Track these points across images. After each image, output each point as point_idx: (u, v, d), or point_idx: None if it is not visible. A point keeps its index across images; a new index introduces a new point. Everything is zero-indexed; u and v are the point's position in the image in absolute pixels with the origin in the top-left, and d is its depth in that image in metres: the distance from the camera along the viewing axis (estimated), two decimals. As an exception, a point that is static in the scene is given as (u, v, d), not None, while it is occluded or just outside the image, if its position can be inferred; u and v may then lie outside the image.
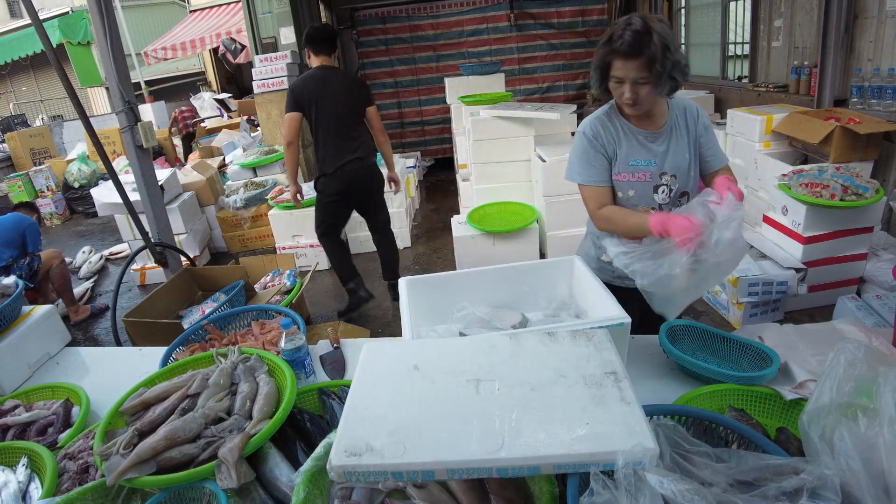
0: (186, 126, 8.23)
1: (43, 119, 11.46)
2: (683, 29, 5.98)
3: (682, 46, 5.99)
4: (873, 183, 2.73)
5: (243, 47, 9.14)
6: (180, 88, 12.85)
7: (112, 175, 3.11)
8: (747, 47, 4.65)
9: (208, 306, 2.70)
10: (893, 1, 3.04)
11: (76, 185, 7.15)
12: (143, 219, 3.36)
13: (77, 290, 4.36)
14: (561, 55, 6.98)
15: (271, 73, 5.58)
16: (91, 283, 4.73)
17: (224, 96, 9.37)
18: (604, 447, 0.85)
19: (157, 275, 4.42)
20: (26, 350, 1.76)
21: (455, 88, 5.12)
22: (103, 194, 4.48)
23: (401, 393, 1.01)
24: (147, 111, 8.70)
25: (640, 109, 1.48)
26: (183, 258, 3.64)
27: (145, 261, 4.46)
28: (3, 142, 8.81)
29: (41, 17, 2.85)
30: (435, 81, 7.03)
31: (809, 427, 0.92)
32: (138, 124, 3.14)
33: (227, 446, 1.05)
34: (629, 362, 1.35)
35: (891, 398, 0.84)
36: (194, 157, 6.68)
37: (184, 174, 5.33)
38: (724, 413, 1.16)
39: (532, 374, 1.03)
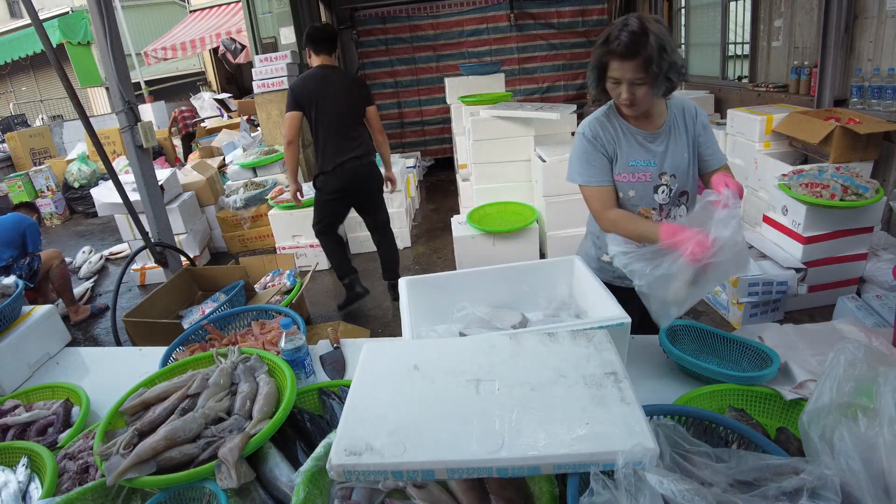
0: (186, 126, 8.23)
1: (43, 119, 11.46)
2: (683, 29, 5.98)
3: (682, 46, 5.99)
4: (873, 183, 2.73)
5: (243, 47, 9.15)
6: (180, 88, 12.85)
7: (112, 175, 3.11)
8: (747, 47, 4.65)
9: (208, 306, 2.70)
10: (893, 1, 3.04)
11: (76, 185, 7.15)
12: (143, 219, 3.36)
13: (77, 290, 4.36)
14: (561, 55, 6.98)
15: (271, 73, 5.58)
16: (91, 283, 4.73)
17: (224, 96, 9.37)
18: (604, 447, 0.85)
19: (157, 275, 4.42)
20: (26, 350, 1.76)
21: (455, 88, 5.12)
22: (103, 194, 4.48)
23: (401, 393, 1.01)
24: (147, 111, 8.70)
25: (638, 110, 1.48)
26: (183, 258, 3.64)
27: (145, 261, 4.46)
28: (3, 142, 8.81)
29: (41, 17, 2.85)
30: (435, 81, 7.03)
31: (809, 427, 0.92)
32: (138, 124, 3.14)
33: (227, 446, 1.05)
34: (629, 362, 1.35)
35: (891, 398, 0.84)
36: (194, 157, 6.68)
37: (184, 174, 5.33)
38: (724, 413, 1.16)
39: (532, 374, 1.03)
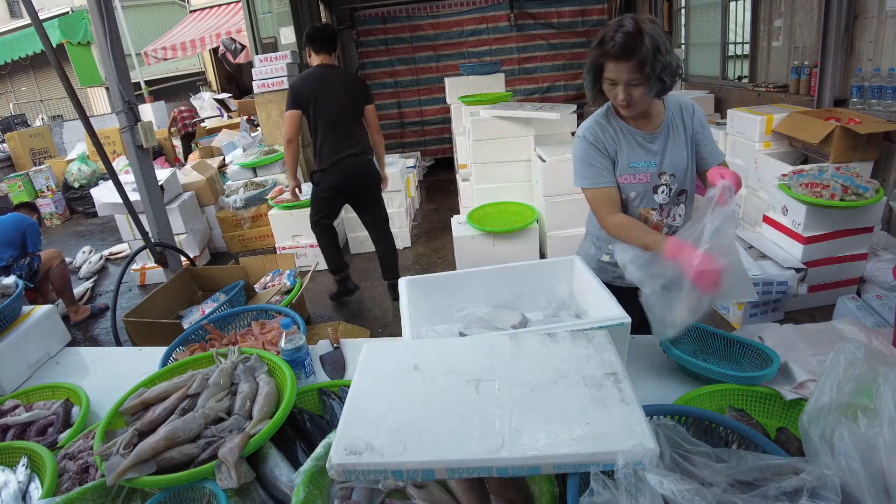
0: (185, 126, 8.23)
1: (43, 119, 11.46)
2: (683, 29, 5.98)
3: (682, 46, 5.99)
4: (873, 183, 2.73)
5: (243, 47, 9.15)
6: (180, 88, 12.85)
7: (112, 175, 3.11)
8: (747, 47, 4.65)
9: (208, 306, 2.70)
10: (893, 1, 3.05)
11: (76, 185, 7.15)
12: (143, 219, 3.36)
13: (77, 290, 4.36)
14: (561, 55, 6.98)
15: (271, 73, 5.58)
16: (91, 283, 4.73)
17: (224, 96, 9.37)
18: (604, 447, 0.85)
19: (157, 275, 4.42)
20: (26, 350, 1.76)
21: (455, 88, 5.12)
22: (103, 194, 4.48)
23: (401, 393, 1.01)
24: (147, 111, 8.70)
25: (635, 111, 1.47)
26: (183, 258, 3.64)
27: (145, 261, 4.46)
28: (3, 142, 8.81)
29: (41, 17, 2.85)
30: (435, 81, 7.03)
31: (809, 427, 0.92)
32: (138, 124, 3.14)
33: (227, 446, 1.05)
34: (629, 362, 1.35)
35: (891, 398, 0.84)
36: (194, 157, 6.68)
37: (184, 174, 5.33)
38: (724, 413, 1.16)
39: (532, 375, 1.03)
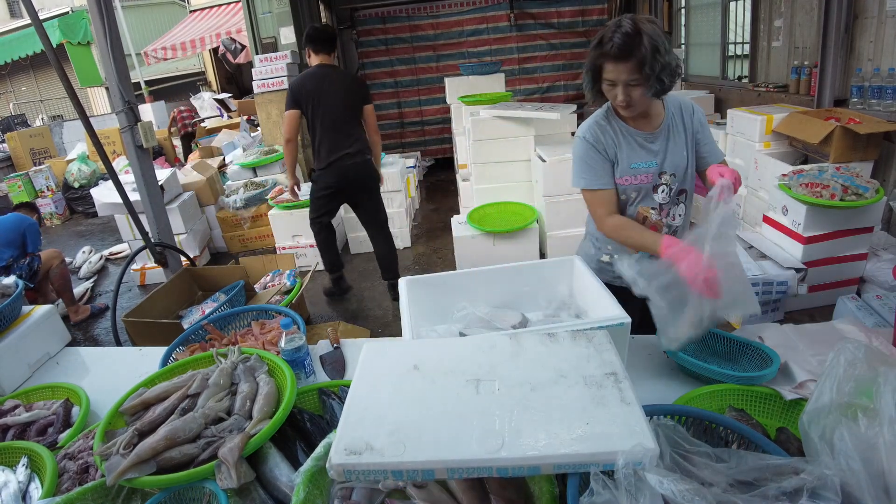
0: (185, 126, 8.23)
1: (43, 119, 11.45)
2: (683, 29, 5.98)
3: (682, 46, 5.99)
4: (873, 183, 2.73)
5: (243, 47, 9.15)
6: (180, 88, 12.85)
7: (112, 175, 3.11)
8: (747, 47, 4.65)
9: (208, 306, 2.70)
10: (893, 1, 3.04)
11: (76, 185, 7.15)
12: (143, 219, 3.36)
13: (77, 290, 4.36)
14: (561, 55, 6.98)
15: (271, 73, 5.58)
16: (91, 283, 4.73)
17: (224, 96, 9.37)
18: (604, 447, 0.85)
19: (157, 275, 4.42)
20: (26, 350, 1.76)
21: (455, 88, 5.12)
22: (103, 194, 4.48)
23: (401, 393, 1.01)
24: (147, 111, 8.70)
25: (635, 111, 1.47)
26: (183, 258, 3.64)
27: (145, 261, 4.46)
28: (3, 142, 8.81)
29: (41, 17, 2.85)
30: (435, 81, 7.03)
31: (809, 427, 0.92)
32: (138, 124, 3.14)
33: (227, 446, 1.05)
34: (629, 362, 1.35)
35: (891, 398, 0.84)
36: (194, 157, 6.68)
37: (184, 174, 5.33)
38: (724, 413, 1.16)
39: (532, 375, 1.03)
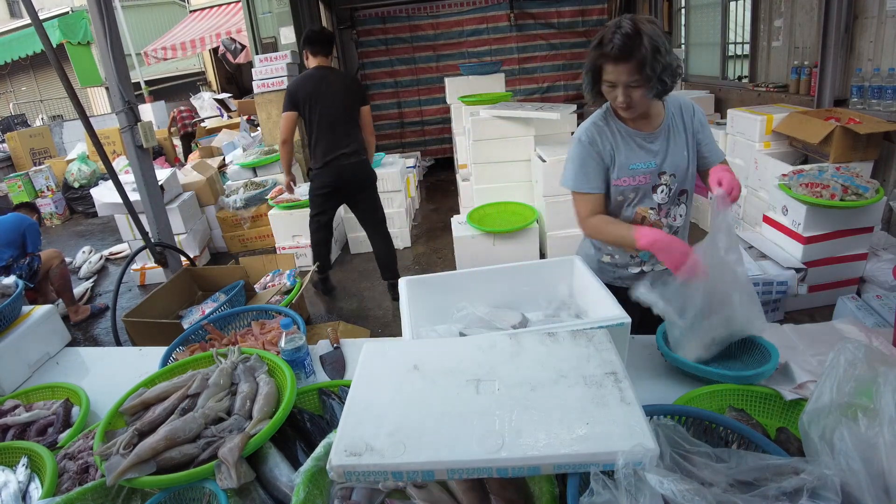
0: (185, 126, 8.23)
1: (43, 119, 11.46)
2: (683, 29, 5.98)
3: (682, 46, 5.99)
4: (873, 183, 2.73)
5: (243, 47, 9.15)
6: (180, 88, 12.85)
7: (112, 175, 3.11)
8: (747, 47, 4.65)
9: (208, 306, 2.69)
10: (893, 1, 3.04)
11: (76, 185, 7.15)
12: (143, 219, 3.36)
13: (77, 290, 4.36)
14: (561, 55, 6.98)
15: (271, 73, 5.58)
16: (91, 283, 4.73)
17: (224, 96, 9.37)
18: (604, 447, 0.85)
19: (157, 275, 4.42)
20: (26, 350, 1.76)
21: (455, 88, 5.12)
22: (103, 194, 4.48)
23: (401, 393, 1.01)
24: (147, 111, 8.70)
25: (635, 112, 1.47)
26: (183, 258, 3.64)
27: (145, 261, 4.46)
28: (3, 142, 8.81)
29: (41, 17, 2.85)
30: (435, 81, 7.03)
31: (809, 427, 0.92)
32: (138, 124, 3.14)
33: (227, 446, 1.04)
34: (629, 362, 1.35)
35: (891, 398, 0.84)
36: (194, 157, 6.68)
37: (184, 174, 5.33)
38: (724, 413, 1.16)
39: (532, 374, 1.03)
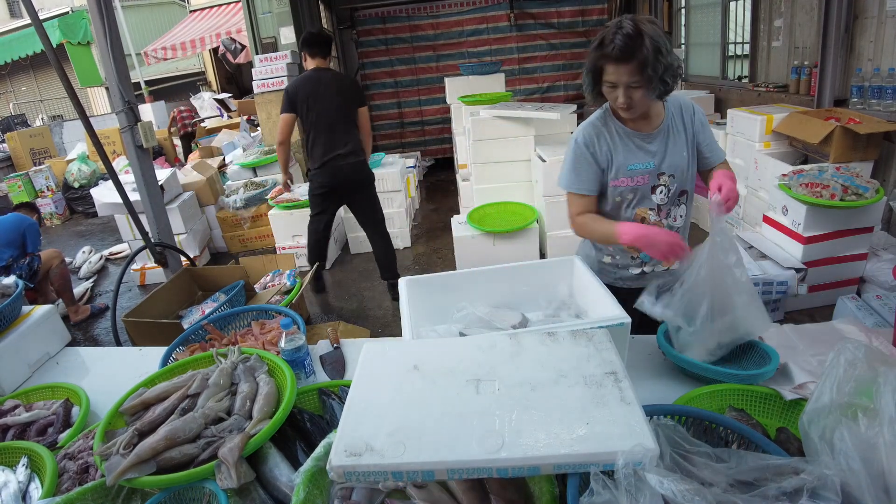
0: (185, 126, 8.23)
1: (43, 119, 11.46)
2: (683, 29, 5.98)
3: (682, 46, 5.99)
4: (873, 183, 2.73)
5: (243, 47, 9.15)
6: (180, 88, 12.85)
7: (112, 175, 3.11)
8: (747, 47, 4.65)
9: (208, 306, 2.69)
10: (893, 1, 3.04)
11: (76, 185, 7.15)
12: (143, 219, 3.36)
13: (77, 290, 4.36)
14: (561, 55, 6.99)
15: (271, 73, 5.58)
16: (91, 283, 4.73)
17: (224, 96, 9.37)
18: (604, 447, 0.85)
19: (157, 275, 4.42)
20: (26, 350, 1.76)
21: (455, 88, 5.12)
22: (103, 194, 4.48)
23: (401, 393, 1.01)
24: (147, 111, 8.70)
25: (635, 113, 1.46)
26: (183, 258, 3.64)
27: (145, 261, 4.46)
28: (3, 142, 8.81)
29: (41, 17, 2.85)
30: (435, 81, 7.03)
31: (809, 427, 0.92)
32: (138, 124, 3.14)
33: (227, 446, 1.04)
34: (629, 362, 1.35)
35: (891, 398, 0.84)
36: (194, 157, 6.68)
37: (184, 174, 5.33)
38: (724, 413, 1.16)
39: (532, 374, 1.03)
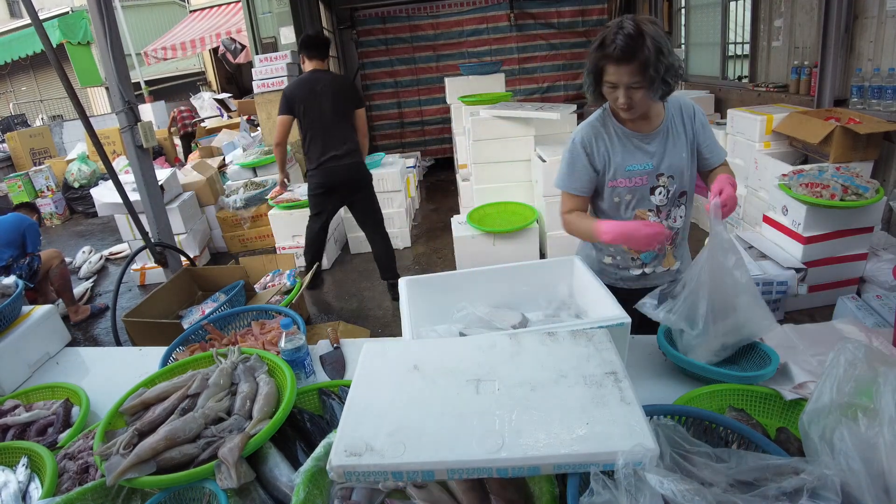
0: (185, 126, 8.23)
1: (43, 119, 11.46)
2: (683, 29, 5.98)
3: (682, 46, 5.99)
4: (873, 183, 2.73)
5: (243, 47, 9.15)
6: (180, 88, 12.85)
7: (112, 175, 3.11)
8: (747, 47, 4.65)
9: (208, 306, 2.69)
10: (893, 1, 3.04)
11: (76, 185, 7.15)
12: (143, 219, 3.36)
13: (77, 290, 4.36)
14: (561, 55, 6.99)
15: (271, 73, 5.58)
16: (91, 283, 4.73)
17: (224, 96, 9.37)
18: (604, 447, 0.85)
19: (157, 275, 4.42)
20: (26, 350, 1.76)
21: (455, 88, 5.12)
22: (103, 194, 4.48)
23: (401, 393, 1.01)
24: (147, 111, 8.70)
25: (636, 114, 1.46)
26: (183, 258, 3.64)
27: (145, 261, 4.46)
28: (3, 142, 8.81)
29: (41, 17, 2.85)
30: (435, 81, 7.03)
31: (809, 427, 0.92)
32: (138, 124, 3.14)
33: (227, 446, 1.04)
34: (629, 362, 1.35)
35: (891, 398, 0.84)
36: (194, 157, 6.68)
37: (184, 174, 5.33)
38: (724, 413, 1.16)
39: (532, 374, 1.03)
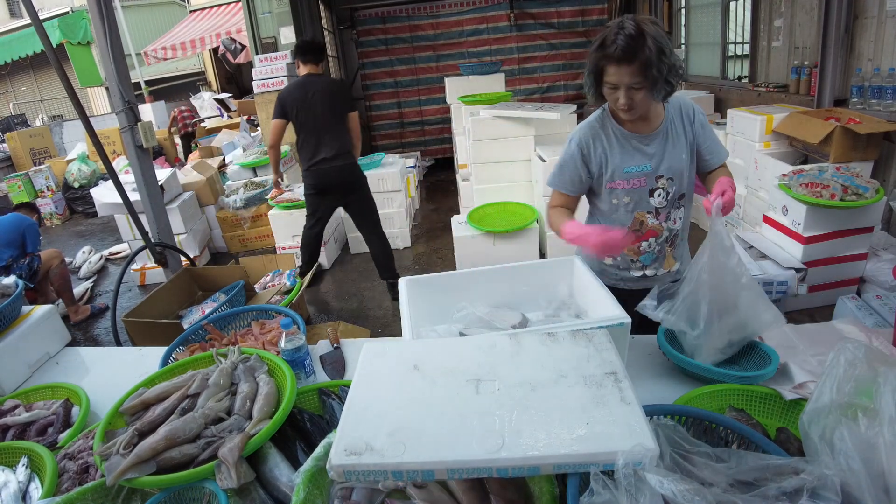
0: (185, 126, 8.23)
1: (43, 119, 11.46)
2: (683, 29, 5.98)
3: (682, 46, 5.99)
4: (873, 183, 2.73)
5: (243, 47, 9.14)
6: (180, 88, 12.85)
7: (112, 175, 3.11)
8: (747, 47, 4.65)
9: (208, 306, 2.69)
10: (893, 1, 3.05)
11: (76, 185, 7.15)
12: (143, 219, 3.36)
13: (77, 290, 4.36)
14: (561, 55, 6.99)
15: (271, 73, 5.58)
16: (91, 283, 4.73)
17: (224, 96, 9.37)
18: (604, 447, 0.85)
19: (157, 275, 4.42)
20: (26, 350, 1.76)
21: (455, 88, 5.12)
22: (103, 194, 4.48)
23: (401, 393, 1.01)
24: (147, 111, 8.70)
25: (636, 114, 1.45)
26: (183, 258, 3.64)
27: (145, 261, 4.46)
28: (3, 142, 8.81)
29: (41, 17, 2.85)
30: (435, 81, 7.03)
31: (809, 427, 0.92)
32: (138, 124, 3.14)
33: (227, 446, 1.05)
34: (629, 362, 1.35)
35: (891, 398, 0.84)
36: (194, 157, 6.68)
37: (184, 174, 5.33)
38: (724, 413, 1.16)
39: (532, 375, 1.03)
